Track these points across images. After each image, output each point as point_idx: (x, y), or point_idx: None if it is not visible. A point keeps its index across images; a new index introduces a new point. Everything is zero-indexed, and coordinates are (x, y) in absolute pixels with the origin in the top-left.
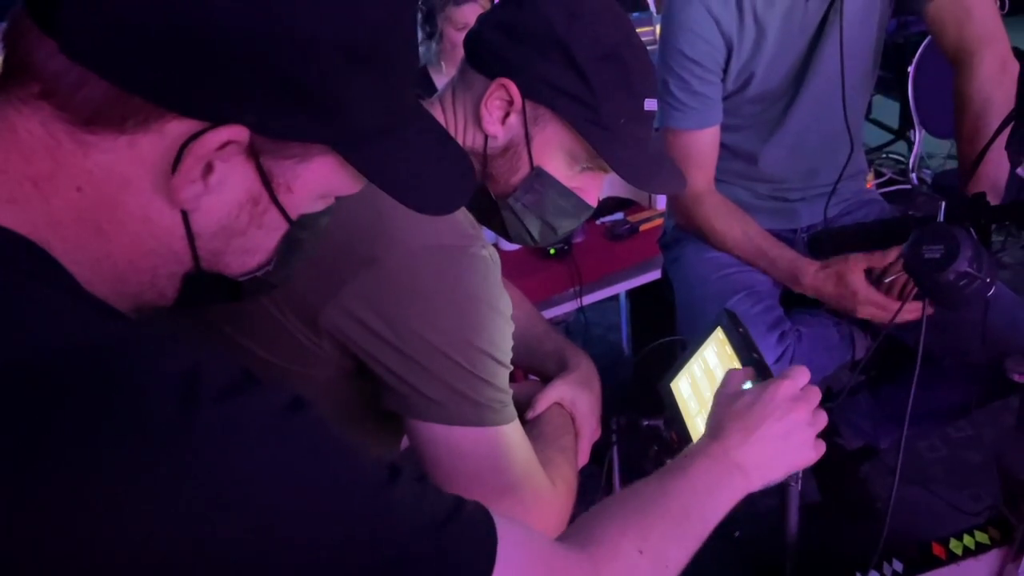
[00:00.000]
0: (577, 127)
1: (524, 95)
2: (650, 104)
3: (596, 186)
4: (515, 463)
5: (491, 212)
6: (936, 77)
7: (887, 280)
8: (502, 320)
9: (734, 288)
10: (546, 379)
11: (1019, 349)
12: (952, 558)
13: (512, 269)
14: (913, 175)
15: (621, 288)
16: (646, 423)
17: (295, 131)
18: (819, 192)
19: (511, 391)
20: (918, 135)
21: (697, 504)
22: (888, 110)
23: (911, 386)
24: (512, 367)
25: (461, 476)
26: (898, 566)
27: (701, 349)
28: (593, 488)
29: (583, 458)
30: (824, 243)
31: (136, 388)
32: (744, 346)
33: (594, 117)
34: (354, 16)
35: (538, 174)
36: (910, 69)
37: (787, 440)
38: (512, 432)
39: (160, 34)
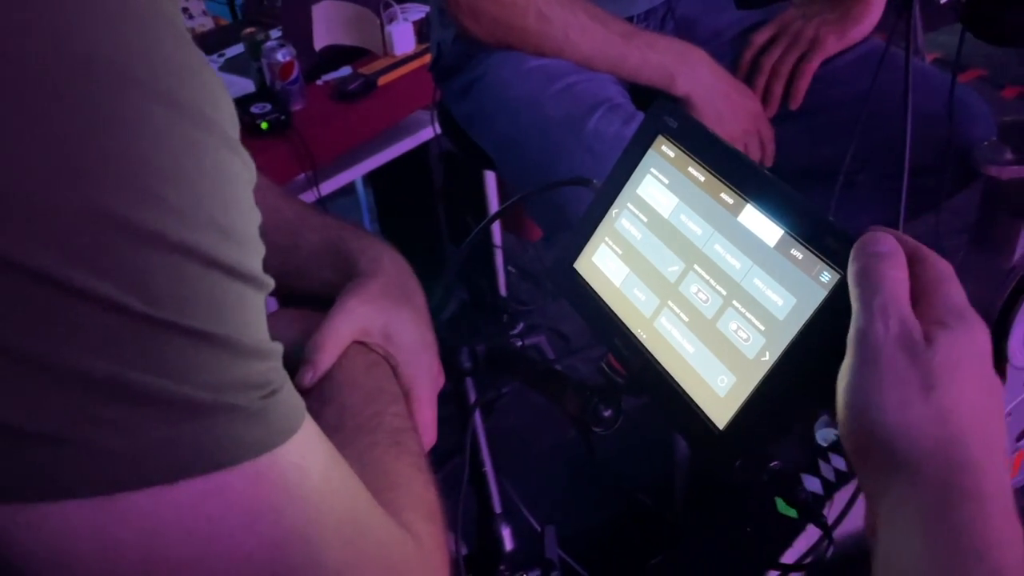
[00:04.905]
0: None
1: None
2: None
3: None
4: (326, 527)
5: None
6: None
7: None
8: (208, 137)
9: (587, 104)
10: (322, 302)
11: (972, 139)
12: None
13: None
14: None
15: (373, 164)
16: (521, 343)
17: None
18: None
19: (278, 346)
20: None
21: None
22: None
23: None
24: (270, 283)
25: None
26: (839, 463)
27: (624, 191)
28: (451, 482)
29: (428, 435)
30: None
31: None
32: (729, 158)
33: None
34: None
35: None
36: None
37: None
38: (305, 450)
39: None
